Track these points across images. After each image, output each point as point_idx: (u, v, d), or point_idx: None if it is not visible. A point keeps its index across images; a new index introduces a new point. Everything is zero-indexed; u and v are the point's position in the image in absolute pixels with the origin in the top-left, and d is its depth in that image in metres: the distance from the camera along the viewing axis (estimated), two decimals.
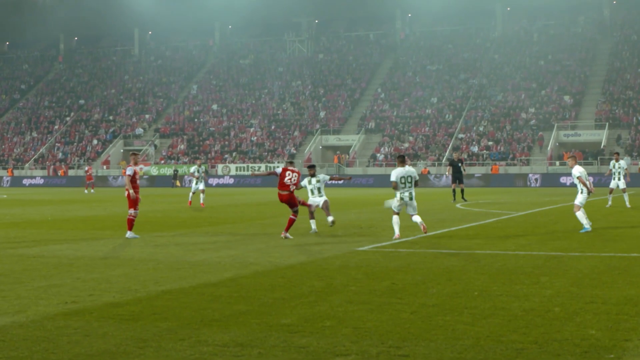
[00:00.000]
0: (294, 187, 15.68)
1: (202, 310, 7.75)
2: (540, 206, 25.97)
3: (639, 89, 63.28)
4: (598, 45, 72.31)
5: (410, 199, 15.11)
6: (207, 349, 6.29)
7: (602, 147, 56.49)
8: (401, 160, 15.04)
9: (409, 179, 15.10)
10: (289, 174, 15.66)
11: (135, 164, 15.89)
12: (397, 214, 15.29)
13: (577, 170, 16.42)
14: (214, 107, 73.69)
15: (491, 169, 56.17)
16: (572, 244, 13.47)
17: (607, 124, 59.16)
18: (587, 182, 16.44)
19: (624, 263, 10.91)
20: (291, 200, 15.63)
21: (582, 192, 16.52)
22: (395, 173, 15.06)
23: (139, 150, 65.04)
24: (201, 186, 26.89)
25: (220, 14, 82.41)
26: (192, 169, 27.30)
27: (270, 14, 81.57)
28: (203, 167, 27.95)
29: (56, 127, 76.10)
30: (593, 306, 7.75)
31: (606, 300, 8.09)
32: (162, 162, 66.19)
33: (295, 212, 15.53)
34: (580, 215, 16.32)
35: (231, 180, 57.21)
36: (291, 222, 15.33)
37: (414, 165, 56.06)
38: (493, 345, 6.32)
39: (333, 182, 38.23)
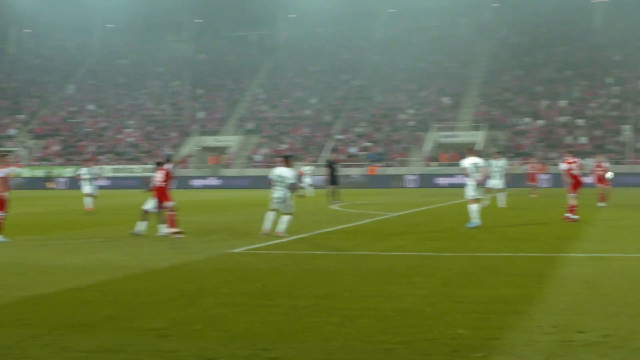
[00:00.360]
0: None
1: (69, 316, 7.67)
2: (417, 207, 26.37)
3: (517, 91, 64.71)
4: (478, 47, 73.56)
5: (283, 201, 15.46)
6: (71, 355, 6.21)
7: (479, 148, 57.07)
8: (284, 160, 15.48)
9: (282, 179, 15.45)
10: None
11: (6, 165, 15.76)
12: (274, 211, 15.59)
13: (463, 162, 17.13)
14: (91, 107, 72.87)
15: (368, 170, 56.37)
16: (447, 244, 13.65)
17: (485, 125, 60.34)
18: (475, 174, 16.97)
19: (494, 263, 11.09)
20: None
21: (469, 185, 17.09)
22: (274, 171, 15.64)
23: (9, 152, 62.45)
24: (89, 189, 25.48)
25: (101, 12, 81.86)
26: (81, 170, 25.82)
27: (151, 14, 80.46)
28: (97, 168, 26.90)
29: None
30: (463, 306, 7.87)
31: (475, 299, 8.21)
32: (35, 163, 64.38)
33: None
34: (473, 209, 16.89)
35: (107, 182, 56.49)
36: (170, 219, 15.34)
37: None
38: (362, 345, 6.37)
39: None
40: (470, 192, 17.21)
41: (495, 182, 25.37)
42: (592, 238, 14.47)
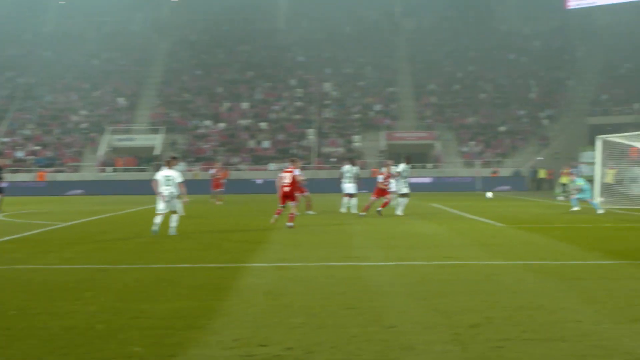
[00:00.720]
0: None
1: None
2: (90, 215, 25.91)
3: (197, 91, 64.87)
4: (155, 45, 73.00)
5: None
6: None
7: (156, 152, 56.89)
8: None
9: None
10: None
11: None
12: None
13: (158, 174, 17.96)
14: None
15: (37, 176, 54.22)
16: (121, 256, 13.47)
17: (163, 128, 59.84)
18: (166, 187, 17.85)
19: (172, 274, 11.05)
20: None
21: None
22: None
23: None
24: None
25: None
26: None
27: None
28: None
29: None
30: (138, 321, 7.77)
31: (152, 314, 8.13)
32: None
33: None
34: (157, 220, 17.50)
35: None
36: None
37: None
38: None
39: None
40: (160, 205, 17.84)
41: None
42: (274, 247, 14.84)
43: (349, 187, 26.31)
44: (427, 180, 54.90)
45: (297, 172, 20.11)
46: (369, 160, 57.84)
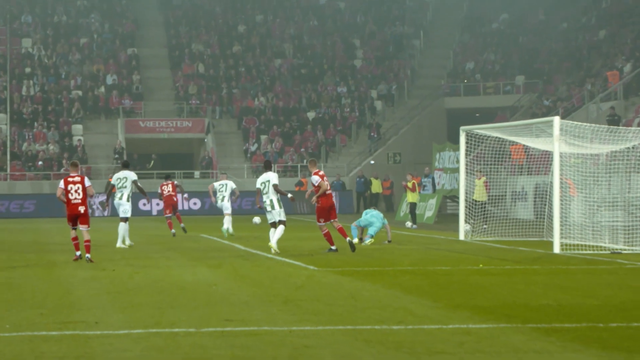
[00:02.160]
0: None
1: None
2: None
3: None
4: None
5: None
6: None
7: None
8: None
9: None
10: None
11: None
12: None
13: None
14: None
15: None
16: None
17: None
18: None
19: None
20: None
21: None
22: None
23: None
24: None
25: None
26: None
27: None
28: None
29: None
30: None
31: None
32: None
33: None
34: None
35: None
36: None
37: None
38: None
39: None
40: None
41: None
42: None
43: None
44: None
45: (87, 181, 23.01)
46: (99, 165, 60.65)
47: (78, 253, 22.83)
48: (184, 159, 63.82)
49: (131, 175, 27.72)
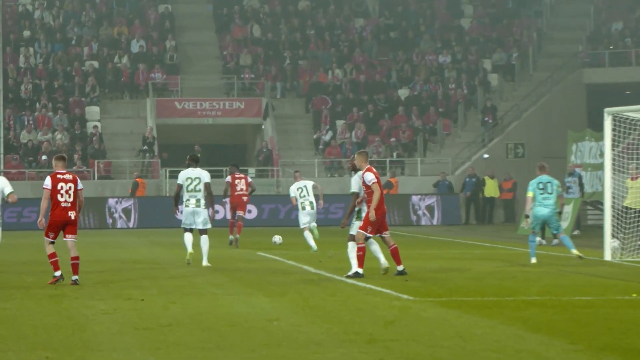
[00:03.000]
0: None
1: None
2: None
3: None
4: None
5: None
6: None
7: None
8: None
9: None
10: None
11: None
12: None
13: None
14: None
15: None
16: None
17: None
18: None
19: None
20: None
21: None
22: None
23: None
24: None
25: None
26: None
27: None
28: None
29: None
30: None
31: None
32: None
33: None
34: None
35: None
36: None
37: None
38: None
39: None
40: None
41: None
42: None
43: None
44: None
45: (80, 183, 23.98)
46: (122, 159, 62.01)
47: (58, 273, 23.36)
48: (234, 152, 64.03)
49: (205, 175, 28.58)
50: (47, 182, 22.92)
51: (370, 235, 24.77)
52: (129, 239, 38.28)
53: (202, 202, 28.50)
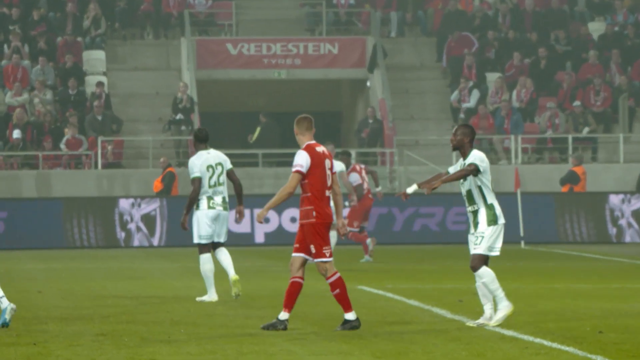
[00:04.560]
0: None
1: None
2: None
3: None
4: None
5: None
6: None
7: None
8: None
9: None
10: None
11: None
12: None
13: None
14: None
15: None
16: None
17: None
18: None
19: None
20: None
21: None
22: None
23: None
24: None
25: None
26: None
27: None
28: None
29: None
30: None
31: None
32: None
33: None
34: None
35: None
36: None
37: None
38: None
39: None
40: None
41: None
42: None
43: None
44: None
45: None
46: (141, 136, 63.83)
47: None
48: (321, 125, 62.10)
49: (226, 159, 29.43)
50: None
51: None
52: (151, 265, 36.96)
53: (227, 201, 29.05)
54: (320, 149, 24.04)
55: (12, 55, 62.06)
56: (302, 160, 23.94)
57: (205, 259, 29.04)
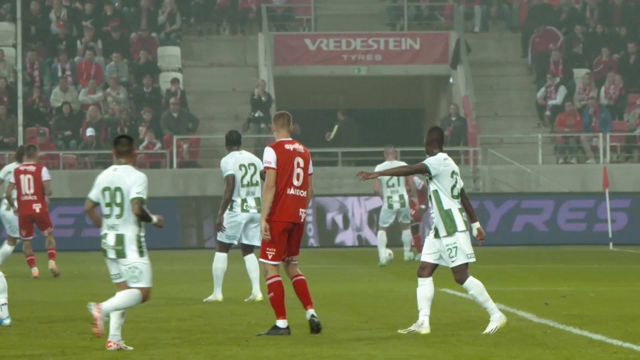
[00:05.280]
0: None
1: None
2: None
3: None
4: None
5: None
6: None
7: None
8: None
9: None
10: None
11: None
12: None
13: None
14: None
15: None
16: None
17: None
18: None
19: None
20: None
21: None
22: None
23: None
24: None
25: None
26: None
27: None
28: None
29: None
30: None
31: None
32: None
33: None
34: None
35: None
36: None
37: None
38: None
39: None
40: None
41: None
42: None
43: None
44: None
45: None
46: (217, 135, 62.83)
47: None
48: (404, 122, 63.86)
49: (258, 160, 29.99)
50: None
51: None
52: (229, 267, 37.09)
53: (261, 202, 28.12)
54: (291, 146, 24.02)
55: (84, 51, 60.98)
56: (269, 157, 24.21)
57: (220, 258, 30.12)
